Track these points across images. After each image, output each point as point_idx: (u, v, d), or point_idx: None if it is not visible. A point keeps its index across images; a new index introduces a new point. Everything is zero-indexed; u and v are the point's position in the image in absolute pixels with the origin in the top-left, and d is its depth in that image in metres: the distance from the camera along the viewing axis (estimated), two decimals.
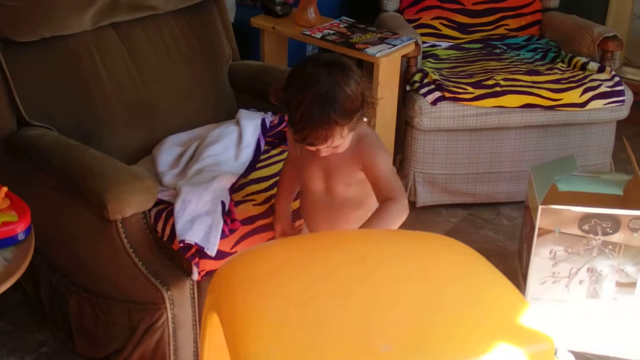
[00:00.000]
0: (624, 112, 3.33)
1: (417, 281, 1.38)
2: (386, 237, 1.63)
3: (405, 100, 3.27)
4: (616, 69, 3.71)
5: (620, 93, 3.29)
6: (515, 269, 3.03)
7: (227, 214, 2.29)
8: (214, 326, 1.45)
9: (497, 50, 3.66)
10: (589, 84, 3.27)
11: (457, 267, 1.46)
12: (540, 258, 2.77)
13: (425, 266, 1.43)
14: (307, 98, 1.87)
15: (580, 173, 2.87)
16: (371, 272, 1.39)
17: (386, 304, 1.30)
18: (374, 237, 1.60)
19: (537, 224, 2.71)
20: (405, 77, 3.28)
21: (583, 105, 3.24)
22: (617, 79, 3.33)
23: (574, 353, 2.61)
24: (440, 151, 3.30)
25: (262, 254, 1.54)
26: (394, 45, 3.06)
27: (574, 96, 3.23)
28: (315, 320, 1.28)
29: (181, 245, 2.21)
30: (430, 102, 3.17)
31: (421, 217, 3.36)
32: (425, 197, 3.38)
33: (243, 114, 2.78)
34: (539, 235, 2.73)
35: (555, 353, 2.59)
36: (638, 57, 4.60)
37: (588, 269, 2.76)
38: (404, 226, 3.19)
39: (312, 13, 3.17)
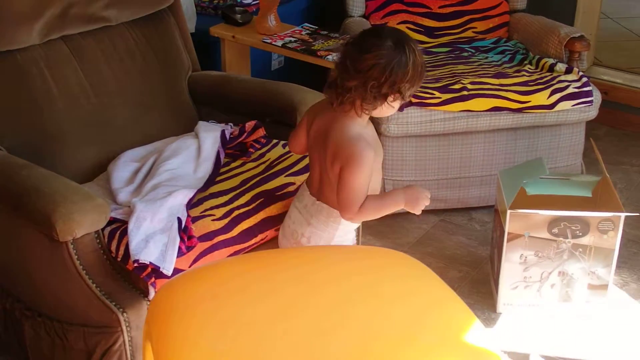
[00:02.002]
0: (592, 112, 3.29)
1: (362, 300, 1.32)
2: (332, 254, 1.56)
3: None
4: (586, 69, 3.67)
5: (589, 94, 3.24)
6: (487, 274, 2.99)
7: (183, 231, 2.22)
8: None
9: (465, 54, 3.61)
10: (556, 86, 3.22)
11: (404, 284, 1.40)
12: (511, 263, 2.74)
13: (372, 284, 1.37)
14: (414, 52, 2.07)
15: (549, 176, 2.84)
16: (314, 292, 1.33)
17: (329, 327, 1.24)
18: (318, 255, 1.54)
19: (507, 229, 2.69)
20: None
21: (551, 107, 3.20)
22: (584, 79, 3.28)
23: (547, 358, 2.58)
24: (410, 157, 3.24)
25: (200, 276, 1.47)
26: None
27: (541, 98, 3.19)
28: (253, 349, 1.22)
29: (136, 265, 2.14)
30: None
31: (393, 225, 3.31)
32: None
33: (202, 126, 2.72)
34: (508, 240, 2.71)
35: (528, 359, 2.56)
36: (608, 57, 4.57)
37: (559, 272, 2.73)
38: (375, 234, 3.15)
39: (272, 20, 3.11)
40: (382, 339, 1.26)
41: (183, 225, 2.23)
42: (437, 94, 3.15)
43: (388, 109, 2.16)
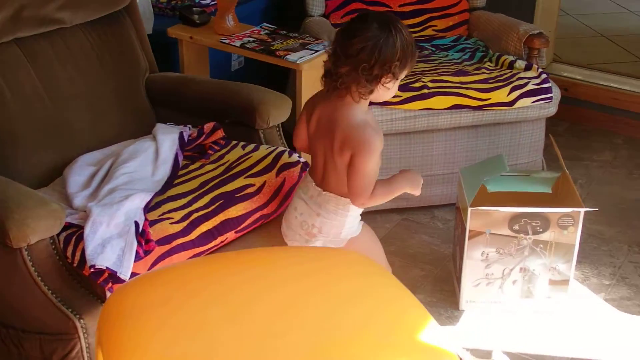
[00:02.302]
0: (552, 109, 3.30)
1: (316, 301, 1.31)
2: (286, 255, 1.54)
3: None
4: (545, 65, 3.69)
5: (548, 90, 3.26)
6: (450, 272, 2.99)
7: (141, 235, 2.20)
8: None
9: (426, 52, 3.61)
10: (516, 83, 3.23)
11: (358, 284, 1.39)
12: (473, 260, 2.74)
13: (325, 284, 1.36)
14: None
15: (510, 173, 2.84)
16: (267, 294, 1.31)
17: (282, 329, 1.23)
18: (272, 256, 1.52)
19: (468, 226, 2.69)
20: None
21: (511, 104, 3.21)
22: (544, 76, 3.30)
23: (510, 354, 2.58)
24: None
25: (152, 281, 1.45)
26: (316, 51, 2.99)
27: (501, 95, 3.19)
28: (206, 353, 1.19)
29: (92, 270, 2.11)
30: None
31: None
32: None
33: (160, 128, 2.69)
34: (470, 237, 2.71)
35: (491, 355, 2.56)
36: (567, 53, 4.60)
37: (521, 268, 2.74)
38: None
39: (230, 21, 3.07)
40: (335, 340, 1.24)
41: (140, 229, 2.20)
42: (397, 92, 3.14)
43: (385, 92, 2.22)
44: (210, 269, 1.45)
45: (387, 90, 2.22)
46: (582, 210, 2.63)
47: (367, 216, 3.14)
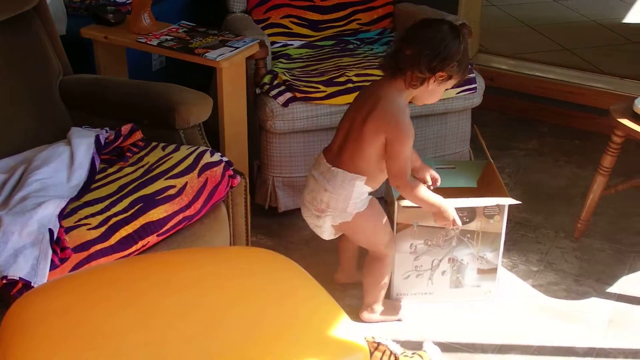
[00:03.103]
0: (477, 99, 3.31)
1: (229, 302, 1.27)
2: (199, 257, 1.50)
3: (256, 104, 3.15)
4: (471, 56, 3.69)
5: (472, 81, 3.26)
6: None
7: (56, 243, 2.12)
8: None
9: (351, 46, 3.59)
10: None
11: (271, 283, 1.36)
12: (402, 253, 2.74)
13: (239, 285, 1.33)
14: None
15: (437, 166, 2.84)
16: (176, 297, 1.26)
17: (193, 333, 1.18)
18: (184, 258, 1.47)
19: (396, 219, 2.68)
20: (255, 80, 3.16)
21: None
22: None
23: (440, 344, 2.57)
24: (298, 153, 3.20)
25: (57, 289, 1.39)
26: (236, 48, 2.93)
27: None
28: None
29: (5, 281, 2.03)
30: (281, 103, 3.06)
31: (284, 223, 3.27)
32: (287, 202, 3.27)
33: (75, 132, 2.61)
34: (398, 230, 2.71)
35: (422, 346, 2.55)
36: (492, 44, 4.63)
37: (449, 259, 2.74)
38: (268, 233, 3.10)
39: (146, 19, 3.00)
40: (249, 340, 1.22)
41: (55, 237, 2.13)
42: (322, 87, 3.12)
43: (431, 92, 2.43)
44: (120, 273, 1.39)
45: (434, 90, 2.42)
46: (507, 200, 2.64)
47: (297, 213, 3.13)
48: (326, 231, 2.60)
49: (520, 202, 2.71)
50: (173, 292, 1.31)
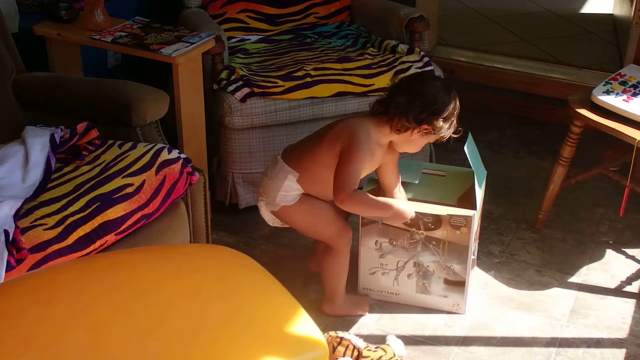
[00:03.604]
0: None
1: (184, 301, 1.25)
2: (155, 255, 1.47)
3: (214, 100, 3.11)
4: (429, 49, 3.69)
5: (430, 73, 3.25)
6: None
7: (11, 244, 2.08)
8: None
9: (308, 40, 3.56)
10: (399, 67, 3.22)
11: (228, 281, 1.33)
12: (367, 248, 2.73)
13: (189, 282, 1.29)
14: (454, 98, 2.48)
15: (427, 170, 2.83)
16: (125, 296, 1.24)
17: (136, 332, 1.15)
18: (141, 257, 1.44)
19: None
20: (212, 76, 3.13)
21: None
22: (426, 59, 3.30)
23: (403, 337, 2.57)
24: (257, 149, 3.17)
25: (3, 292, 1.34)
26: (192, 43, 2.90)
27: (385, 80, 3.16)
28: None
29: None
30: (239, 99, 3.03)
31: (244, 219, 3.24)
32: (247, 198, 3.25)
33: (29, 131, 2.55)
34: (362, 224, 2.70)
35: (385, 340, 2.54)
36: (451, 36, 4.63)
37: (414, 263, 2.71)
38: (228, 230, 3.07)
39: (100, 15, 2.95)
40: (204, 339, 1.19)
41: (11, 238, 2.08)
42: (280, 82, 3.09)
43: (413, 142, 2.50)
44: (71, 274, 1.36)
45: (416, 140, 2.49)
46: (475, 212, 2.59)
47: (257, 210, 3.10)
48: (266, 217, 2.66)
49: (475, 211, 2.65)
50: (120, 291, 1.29)
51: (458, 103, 2.50)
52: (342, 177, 2.43)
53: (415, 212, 2.59)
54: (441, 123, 2.44)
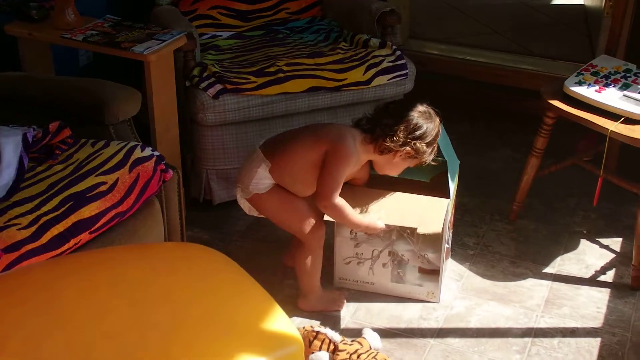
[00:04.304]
0: (408, 85, 3.32)
1: (154, 300, 1.24)
2: (129, 254, 1.46)
3: (187, 97, 3.11)
4: (401, 42, 3.70)
5: (403, 67, 3.27)
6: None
7: None
8: None
9: (280, 35, 3.56)
10: (371, 61, 3.23)
11: (203, 278, 1.33)
12: (342, 238, 2.75)
13: (165, 282, 1.29)
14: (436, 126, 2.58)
15: None
16: (101, 296, 1.24)
17: (114, 332, 1.15)
18: (115, 256, 1.44)
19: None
20: (184, 73, 3.12)
21: (368, 82, 3.21)
22: (398, 53, 3.31)
23: (379, 330, 2.58)
24: (231, 145, 3.17)
25: None
26: (164, 41, 2.89)
27: (357, 75, 3.19)
28: None
29: None
30: (211, 96, 3.03)
31: (219, 215, 3.24)
32: (221, 194, 3.25)
33: (1, 131, 2.52)
34: None
35: (361, 333, 2.55)
36: (423, 29, 4.65)
37: (389, 252, 2.72)
38: (203, 226, 3.05)
39: (71, 14, 2.94)
40: (181, 339, 1.18)
41: None
42: (252, 78, 3.09)
43: (393, 165, 2.59)
44: (45, 274, 1.35)
45: (397, 163, 2.57)
46: (448, 201, 2.62)
47: (231, 205, 3.10)
48: (243, 205, 2.70)
49: (438, 232, 2.67)
50: (96, 292, 1.28)
51: (441, 129, 2.61)
52: (327, 184, 2.50)
53: (386, 225, 2.64)
54: (424, 147, 2.52)
